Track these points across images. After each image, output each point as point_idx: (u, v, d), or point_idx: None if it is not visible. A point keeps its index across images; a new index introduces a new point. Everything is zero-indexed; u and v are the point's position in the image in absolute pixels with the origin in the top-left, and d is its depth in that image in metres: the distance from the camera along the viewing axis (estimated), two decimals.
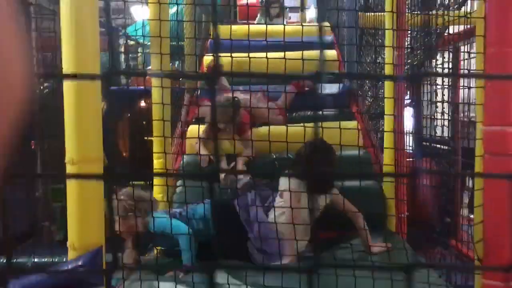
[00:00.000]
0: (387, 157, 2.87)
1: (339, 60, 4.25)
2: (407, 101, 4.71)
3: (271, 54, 3.29)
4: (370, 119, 3.70)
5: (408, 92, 4.64)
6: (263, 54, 3.14)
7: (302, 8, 7.44)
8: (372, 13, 3.78)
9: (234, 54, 2.99)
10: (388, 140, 2.85)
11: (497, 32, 1.52)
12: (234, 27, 3.76)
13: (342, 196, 2.51)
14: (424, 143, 4.43)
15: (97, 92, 1.66)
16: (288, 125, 2.90)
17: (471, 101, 2.53)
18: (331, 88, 3.72)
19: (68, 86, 1.56)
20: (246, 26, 3.89)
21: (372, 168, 3.07)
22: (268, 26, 4.19)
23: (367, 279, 1.70)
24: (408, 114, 4.80)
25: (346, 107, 3.72)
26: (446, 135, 4.16)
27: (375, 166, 3.11)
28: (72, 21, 1.60)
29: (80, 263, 1.49)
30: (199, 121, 3.18)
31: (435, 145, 4.47)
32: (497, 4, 1.52)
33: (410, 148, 3.43)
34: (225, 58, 3.35)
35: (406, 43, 3.23)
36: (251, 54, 3.63)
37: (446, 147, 4.35)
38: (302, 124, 2.93)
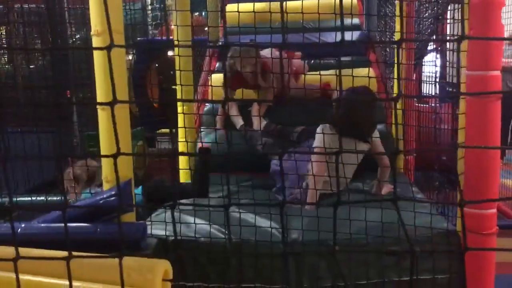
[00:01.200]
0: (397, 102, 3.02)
1: (360, 10, 4.32)
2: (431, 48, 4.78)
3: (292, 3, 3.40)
4: (387, 67, 3.81)
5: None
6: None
7: None
8: None
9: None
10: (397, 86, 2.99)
11: None
12: None
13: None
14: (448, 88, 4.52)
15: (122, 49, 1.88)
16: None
17: None
18: (348, 35, 3.82)
19: (95, 40, 1.78)
20: None
21: (383, 112, 3.23)
22: None
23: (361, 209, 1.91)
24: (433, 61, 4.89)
25: (363, 55, 3.84)
26: None
27: (386, 110, 3.27)
28: None
29: (113, 192, 1.76)
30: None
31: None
32: None
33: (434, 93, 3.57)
34: (247, 6, 3.51)
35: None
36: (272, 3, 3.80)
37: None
38: (318, 73, 3.14)
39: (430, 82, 4.13)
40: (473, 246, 1.78)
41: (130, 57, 5.56)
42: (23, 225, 1.74)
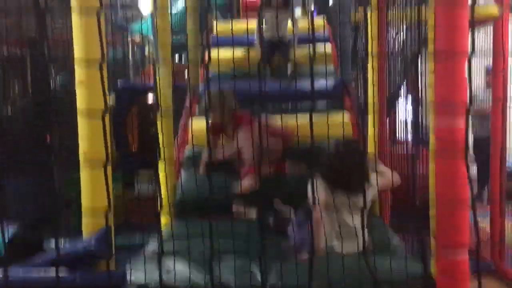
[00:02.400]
0: (371, 147, 3.12)
1: (334, 54, 4.50)
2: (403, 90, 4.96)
3: None
4: (360, 112, 3.94)
5: (405, 81, 4.89)
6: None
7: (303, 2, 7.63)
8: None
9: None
10: (372, 131, 3.10)
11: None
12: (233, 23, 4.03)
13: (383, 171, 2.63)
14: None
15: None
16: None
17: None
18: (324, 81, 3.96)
19: (79, 84, 1.84)
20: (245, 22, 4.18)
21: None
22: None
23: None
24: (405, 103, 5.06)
25: (339, 100, 3.97)
26: None
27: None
28: (82, 28, 1.86)
29: (93, 238, 1.77)
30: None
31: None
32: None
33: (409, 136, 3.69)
34: (226, 54, 3.63)
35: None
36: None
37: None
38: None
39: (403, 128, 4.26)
40: None
41: (111, 101, 5.61)
42: None
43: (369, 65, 3.16)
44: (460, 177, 1.75)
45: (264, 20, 4.48)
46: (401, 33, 4.34)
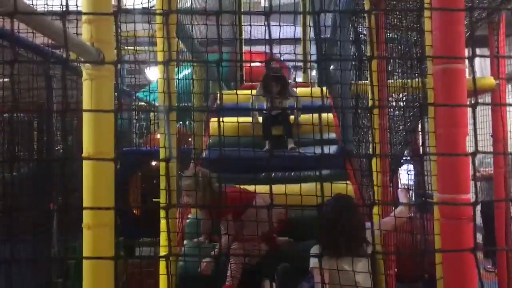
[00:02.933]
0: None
1: (336, 123, 4.57)
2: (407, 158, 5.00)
3: None
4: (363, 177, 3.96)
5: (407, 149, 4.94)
6: None
7: (304, 69, 7.86)
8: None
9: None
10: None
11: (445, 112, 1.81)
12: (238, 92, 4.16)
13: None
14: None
15: (112, 168, 1.97)
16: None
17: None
18: (326, 149, 4.01)
19: (86, 162, 1.86)
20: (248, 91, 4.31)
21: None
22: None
23: None
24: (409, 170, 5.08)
25: (341, 168, 3.99)
26: None
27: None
28: (92, 103, 1.92)
29: None
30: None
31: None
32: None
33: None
34: (230, 121, 3.71)
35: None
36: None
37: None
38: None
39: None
40: None
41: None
42: None
43: (372, 136, 3.20)
44: (467, 241, 1.74)
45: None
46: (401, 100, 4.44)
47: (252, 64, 5.74)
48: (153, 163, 5.40)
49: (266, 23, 1.07)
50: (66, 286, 3.92)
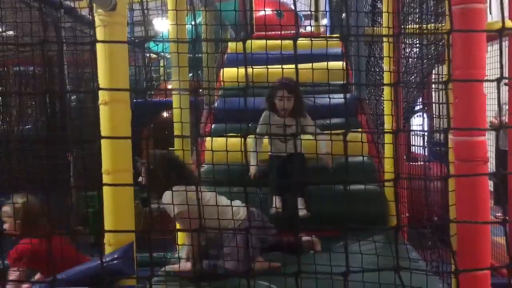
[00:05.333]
0: (388, 163, 3.13)
1: (348, 70, 4.52)
2: (419, 107, 4.97)
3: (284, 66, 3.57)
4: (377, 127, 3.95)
5: (420, 98, 4.90)
6: (278, 66, 3.37)
7: (316, 18, 7.71)
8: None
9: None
10: (388, 148, 3.11)
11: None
12: (249, 42, 4.09)
13: None
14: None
15: (127, 109, 1.99)
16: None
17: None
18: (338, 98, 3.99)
19: (102, 103, 1.89)
20: (261, 41, 4.23)
21: (376, 174, 3.33)
22: (281, 40, 4.53)
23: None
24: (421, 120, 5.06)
25: (353, 117, 3.98)
26: None
27: (378, 172, 3.37)
28: (106, 49, 1.92)
29: (115, 255, 1.80)
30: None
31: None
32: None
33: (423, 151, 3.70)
34: (241, 70, 3.67)
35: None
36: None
37: None
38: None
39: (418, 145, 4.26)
40: None
41: None
42: None
43: (385, 81, 3.17)
44: (481, 193, 1.76)
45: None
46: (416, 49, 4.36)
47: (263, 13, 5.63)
48: (165, 114, 5.42)
49: None
50: (85, 233, 4.04)
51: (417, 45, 3.56)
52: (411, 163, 4.01)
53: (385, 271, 1.56)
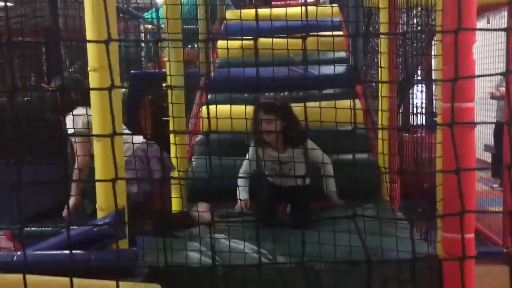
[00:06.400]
0: (381, 132, 3.15)
1: (346, 41, 4.49)
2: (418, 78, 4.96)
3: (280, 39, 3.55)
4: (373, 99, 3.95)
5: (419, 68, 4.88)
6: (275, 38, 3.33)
7: None
8: None
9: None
10: (383, 117, 3.12)
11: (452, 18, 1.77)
12: (244, 11, 4.06)
13: None
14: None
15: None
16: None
17: None
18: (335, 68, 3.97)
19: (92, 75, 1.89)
20: (256, 10, 4.17)
21: (369, 143, 3.35)
22: (278, 9, 4.49)
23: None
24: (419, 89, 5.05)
25: (350, 87, 3.97)
26: None
27: (372, 141, 3.39)
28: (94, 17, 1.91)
29: (107, 220, 1.83)
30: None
31: None
32: None
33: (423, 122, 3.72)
34: (237, 42, 3.67)
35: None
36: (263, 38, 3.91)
37: None
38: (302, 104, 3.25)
39: (417, 113, 4.26)
40: (452, 271, 1.86)
41: (123, 90, 5.69)
42: (19, 253, 1.81)
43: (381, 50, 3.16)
44: (467, 150, 1.78)
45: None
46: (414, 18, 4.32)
47: None
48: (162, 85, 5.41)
49: None
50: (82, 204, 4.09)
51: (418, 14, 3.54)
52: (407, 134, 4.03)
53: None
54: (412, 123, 4.98)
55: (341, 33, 4.57)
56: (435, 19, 3.43)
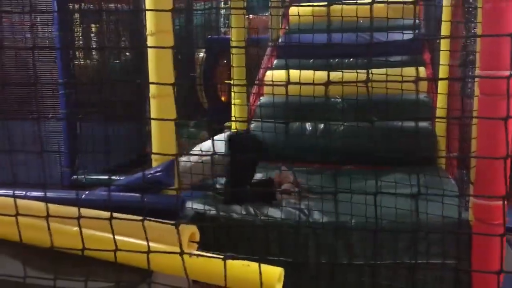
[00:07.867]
0: (440, 100, 3.11)
1: (420, 6, 4.35)
2: None
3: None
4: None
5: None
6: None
7: None
8: None
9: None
10: (442, 85, 3.08)
11: None
12: None
13: None
14: None
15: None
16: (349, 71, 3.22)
17: None
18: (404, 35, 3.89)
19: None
20: None
21: (432, 111, 3.31)
22: None
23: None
24: None
25: (418, 54, 3.89)
26: None
27: (435, 109, 3.34)
28: None
29: (159, 168, 2.07)
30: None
31: None
32: None
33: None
34: (308, 8, 3.73)
35: None
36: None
37: None
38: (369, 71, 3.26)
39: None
40: (482, 236, 1.90)
41: (202, 54, 5.96)
42: (87, 192, 2.11)
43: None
44: (500, 129, 1.78)
45: None
46: None
47: None
48: None
49: None
50: None
51: None
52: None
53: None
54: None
55: None
56: None
